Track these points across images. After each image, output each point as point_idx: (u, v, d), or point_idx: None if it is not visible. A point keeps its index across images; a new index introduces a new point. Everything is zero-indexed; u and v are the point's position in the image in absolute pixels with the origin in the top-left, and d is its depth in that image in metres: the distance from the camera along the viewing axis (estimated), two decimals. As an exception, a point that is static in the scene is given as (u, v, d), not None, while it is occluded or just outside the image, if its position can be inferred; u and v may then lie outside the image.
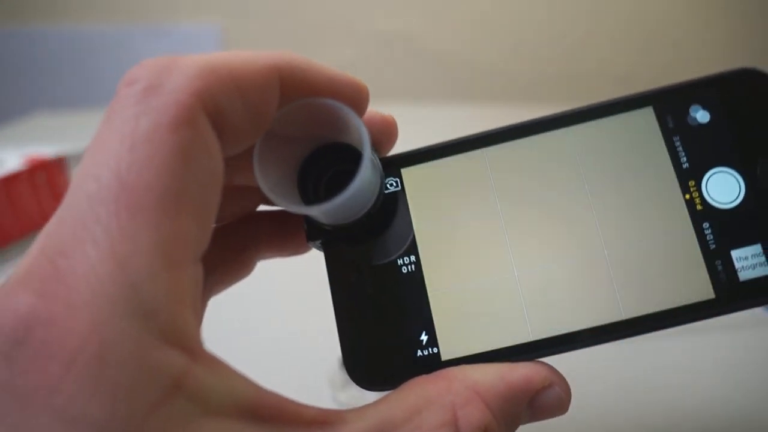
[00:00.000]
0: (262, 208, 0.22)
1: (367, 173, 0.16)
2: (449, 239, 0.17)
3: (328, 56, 1.43)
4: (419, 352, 0.16)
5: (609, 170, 0.17)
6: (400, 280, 0.17)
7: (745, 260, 0.16)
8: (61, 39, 1.45)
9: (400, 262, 0.17)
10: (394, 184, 0.18)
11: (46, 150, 0.51)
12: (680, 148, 0.17)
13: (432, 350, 0.16)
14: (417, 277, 0.17)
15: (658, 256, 0.16)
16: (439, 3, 1.39)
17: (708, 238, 0.16)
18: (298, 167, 0.18)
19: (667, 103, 0.18)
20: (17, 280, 0.13)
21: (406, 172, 0.18)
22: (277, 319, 0.39)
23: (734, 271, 0.16)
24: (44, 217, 0.50)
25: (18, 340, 0.13)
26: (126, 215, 0.13)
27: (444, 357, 0.16)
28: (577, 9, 1.38)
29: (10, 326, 0.13)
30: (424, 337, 0.17)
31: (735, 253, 0.16)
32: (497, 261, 0.17)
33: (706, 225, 0.16)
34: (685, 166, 0.17)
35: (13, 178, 0.47)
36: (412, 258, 0.17)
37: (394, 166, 0.18)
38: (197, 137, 0.15)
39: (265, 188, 0.16)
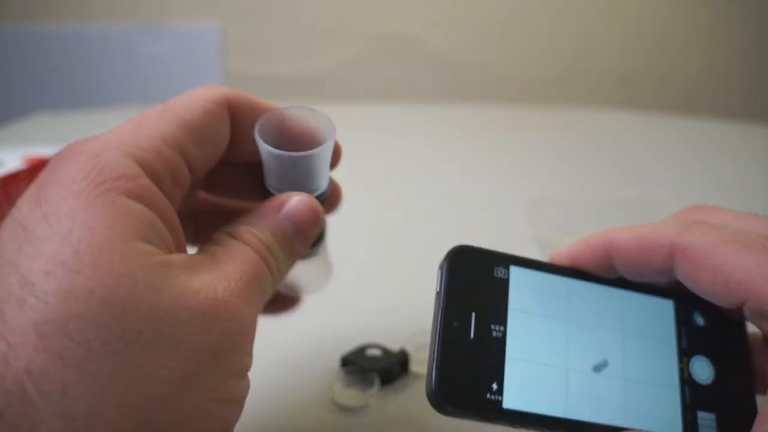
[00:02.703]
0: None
1: (328, 151, 0.25)
2: (529, 327, 0.24)
3: (328, 56, 1.43)
4: (488, 395, 0.22)
5: (640, 325, 0.25)
6: (491, 340, 0.23)
7: (704, 420, 0.23)
8: (61, 39, 1.44)
9: (493, 327, 0.23)
10: (503, 272, 0.25)
11: (46, 150, 0.51)
12: (683, 333, 0.25)
13: (497, 397, 0.22)
14: (501, 342, 0.23)
15: (656, 393, 0.24)
16: (439, 3, 1.39)
17: (686, 396, 0.24)
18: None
19: (682, 303, 0.25)
20: None
21: (514, 268, 0.25)
22: (278, 319, 0.39)
23: (696, 425, 0.23)
24: (44, 217, 0.50)
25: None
26: None
27: (504, 405, 0.22)
28: (577, 9, 1.38)
29: None
30: (494, 386, 0.22)
31: (699, 414, 0.23)
32: (555, 354, 0.24)
33: (687, 389, 0.24)
34: (684, 346, 0.25)
35: (13, 178, 0.47)
36: (502, 329, 0.23)
37: (507, 260, 0.25)
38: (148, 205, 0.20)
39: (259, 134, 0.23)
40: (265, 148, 0.23)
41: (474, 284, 0.24)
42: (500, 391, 0.22)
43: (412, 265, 0.47)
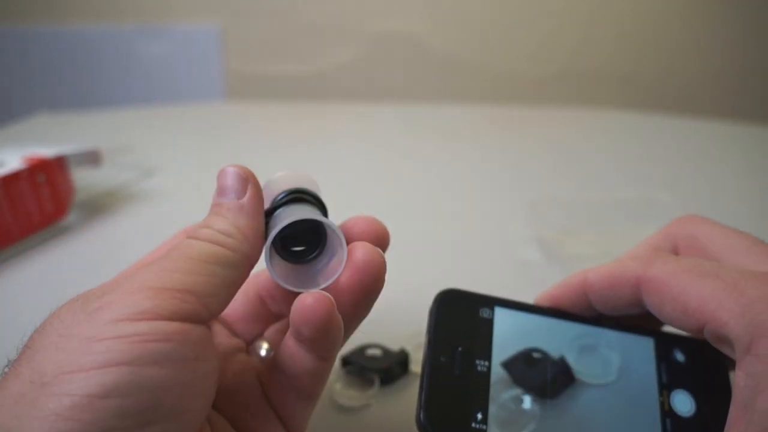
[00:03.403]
0: None
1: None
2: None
3: (328, 56, 1.43)
4: (473, 424, 0.24)
5: (623, 360, 0.26)
6: (476, 374, 0.25)
7: None
8: (61, 39, 1.45)
9: (478, 362, 0.25)
10: (488, 313, 0.27)
11: (47, 150, 0.51)
12: (663, 369, 0.26)
13: (482, 426, 0.24)
14: (486, 376, 0.25)
15: (635, 426, 0.25)
16: (439, 3, 1.39)
17: (667, 428, 0.24)
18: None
19: (663, 341, 0.27)
20: None
21: (498, 309, 0.27)
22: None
23: None
24: (44, 217, 0.50)
25: None
26: None
27: None
28: (577, 9, 1.38)
29: None
30: (479, 416, 0.24)
31: None
32: (537, 386, 0.25)
33: (668, 421, 0.25)
34: (664, 380, 0.26)
35: (13, 178, 0.47)
36: (487, 363, 0.25)
37: (491, 302, 0.27)
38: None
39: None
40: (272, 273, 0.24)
41: (460, 323, 0.26)
42: (485, 420, 0.24)
43: (413, 265, 0.47)
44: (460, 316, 0.26)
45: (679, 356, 0.26)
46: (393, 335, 0.36)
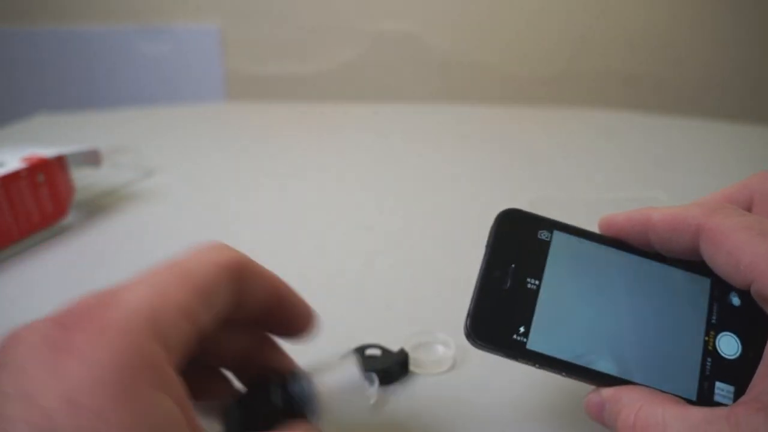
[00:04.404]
0: None
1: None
2: (563, 284, 0.27)
3: (328, 56, 1.43)
4: (514, 336, 0.25)
5: (672, 296, 0.27)
6: (525, 290, 0.26)
7: (721, 390, 0.25)
8: (61, 39, 1.44)
9: (529, 280, 0.26)
10: (546, 235, 0.28)
11: (46, 150, 0.51)
12: (714, 309, 0.26)
13: (522, 339, 0.25)
14: (534, 294, 0.26)
15: (675, 358, 0.25)
16: (440, 3, 1.39)
17: (707, 366, 0.25)
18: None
19: (721, 282, 0.26)
20: None
21: (557, 233, 0.28)
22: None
23: (712, 393, 0.25)
24: (44, 217, 0.50)
25: None
26: None
27: (528, 347, 0.25)
28: (578, 9, 1.38)
29: None
30: (522, 329, 0.25)
31: (718, 384, 0.25)
32: (584, 310, 0.26)
33: (708, 360, 0.25)
34: (713, 320, 0.26)
35: (13, 178, 0.47)
36: (537, 282, 0.26)
37: (551, 225, 0.28)
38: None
39: None
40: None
41: (518, 242, 0.27)
42: (526, 334, 0.25)
43: (413, 264, 0.47)
44: (519, 236, 0.28)
45: (735, 300, 0.26)
46: (393, 335, 0.36)
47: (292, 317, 0.26)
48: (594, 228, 0.28)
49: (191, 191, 0.61)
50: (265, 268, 0.25)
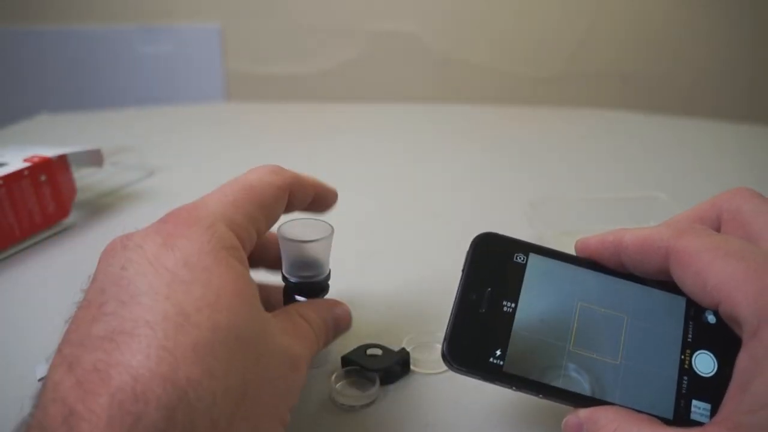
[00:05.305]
0: None
1: (326, 245, 0.32)
2: (538, 306, 0.27)
3: (328, 56, 1.43)
4: (491, 359, 0.26)
5: (647, 316, 0.27)
6: (501, 314, 0.27)
7: (698, 408, 0.25)
8: (61, 39, 1.45)
9: (505, 303, 0.27)
10: (522, 258, 0.28)
11: (48, 150, 0.51)
12: (690, 328, 0.27)
13: (499, 362, 0.26)
14: (511, 317, 0.27)
15: (651, 377, 0.26)
16: (439, 3, 1.39)
17: (684, 385, 0.25)
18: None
19: (695, 302, 0.26)
20: None
21: (533, 256, 0.28)
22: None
23: (689, 411, 0.25)
24: (46, 217, 0.50)
25: None
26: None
27: (504, 369, 0.26)
28: (577, 9, 1.38)
29: None
30: (498, 352, 0.26)
31: (694, 402, 0.25)
32: (558, 332, 0.26)
33: (685, 378, 0.25)
34: (689, 339, 0.26)
35: (15, 178, 0.47)
36: (513, 305, 0.27)
37: (526, 248, 0.28)
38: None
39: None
40: (282, 237, 0.32)
41: (494, 266, 0.28)
42: (503, 357, 0.26)
43: (413, 264, 0.47)
44: (494, 259, 0.28)
45: (711, 318, 0.26)
46: (393, 335, 0.36)
47: (323, 201, 0.33)
48: (594, 228, 0.28)
49: (193, 191, 0.61)
50: (308, 178, 0.32)
